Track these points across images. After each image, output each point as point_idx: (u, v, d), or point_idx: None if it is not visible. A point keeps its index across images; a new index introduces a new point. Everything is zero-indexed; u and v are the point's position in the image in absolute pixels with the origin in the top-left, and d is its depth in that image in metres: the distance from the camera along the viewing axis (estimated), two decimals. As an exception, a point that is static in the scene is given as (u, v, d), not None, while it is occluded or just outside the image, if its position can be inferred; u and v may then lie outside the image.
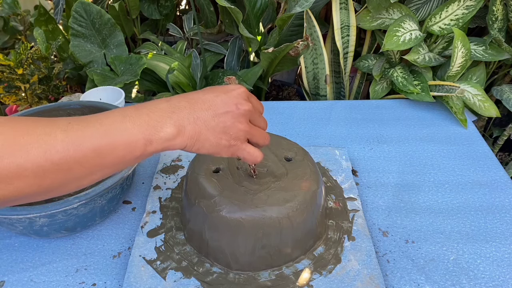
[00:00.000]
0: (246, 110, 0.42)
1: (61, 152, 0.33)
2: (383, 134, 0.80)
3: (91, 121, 0.36)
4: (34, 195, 0.35)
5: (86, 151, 0.34)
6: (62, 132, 0.34)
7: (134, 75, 0.94)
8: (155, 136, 0.37)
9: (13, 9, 1.20)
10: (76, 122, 0.35)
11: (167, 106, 0.39)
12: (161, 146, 0.38)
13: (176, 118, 0.39)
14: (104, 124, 0.36)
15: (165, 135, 0.38)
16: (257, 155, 0.44)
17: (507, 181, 0.68)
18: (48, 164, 0.33)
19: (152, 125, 0.37)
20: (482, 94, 0.85)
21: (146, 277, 0.50)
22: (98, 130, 0.35)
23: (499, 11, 0.86)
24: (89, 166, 0.35)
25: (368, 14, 0.98)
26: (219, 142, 0.41)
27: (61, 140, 0.33)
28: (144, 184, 0.67)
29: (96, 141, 0.35)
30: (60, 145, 0.33)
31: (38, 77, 0.99)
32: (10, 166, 0.32)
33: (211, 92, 0.42)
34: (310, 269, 0.52)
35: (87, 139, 0.34)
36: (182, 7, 1.53)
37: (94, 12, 0.99)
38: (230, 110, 0.41)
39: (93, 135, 0.35)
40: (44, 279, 0.52)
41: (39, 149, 0.33)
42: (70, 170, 0.34)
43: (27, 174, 0.32)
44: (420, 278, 0.52)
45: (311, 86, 1.08)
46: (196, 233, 0.53)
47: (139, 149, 0.37)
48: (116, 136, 0.36)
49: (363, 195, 0.65)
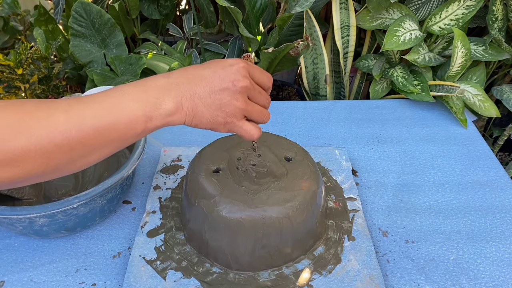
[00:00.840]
0: (243, 87, 0.42)
1: (64, 133, 0.34)
2: (383, 134, 0.80)
3: (91, 101, 0.36)
4: (42, 175, 0.35)
5: (88, 131, 0.35)
6: (63, 114, 0.35)
7: (134, 75, 0.94)
8: (154, 112, 0.38)
9: (13, 9, 1.20)
10: (76, 103, 0.36)
11: (166, 82, 0.40)
12: (161, 122, 0.39)
13: (174, 94, 0.39)
14: (104, 103, 0.36)
15: (165, 111, 0.38)
16: (253, 132, 0.44)
17: (507, 181, 0.68)
18: (52, 146, 0.34)
19: (151, 102, 0.38)
20: (482, 94, 0.85)
21: (146, 277, 0.50)
22: (98, 109, 0.36)
23: (499, 11, 0.86)
24: (92, 145, 0.36)
25: (368, 14, 0.98)
26: (215, 119, 0.42)
27: (62, 122, 0.34)
28: (144, 184, 0.67)
29: (97, 120, 0.35)
30: (62, 126, 0.34)
31: (38, 77, 0.99)
32: (15, 149, 0.32)
33: (210, 67, 0.42)
34: (310, 269, 0.52)
35: (88, 119, 0.35)
36: (182, 7, 1.53)
37: (94, 12, 0.99)
38: (226, 87, 0.41)
39: (94, 115, 0.35)
40: (44, 279, 0.52)
41: (42, 131, 0.33)
42: (74, 150, 0.35)
43: (32, 155, 0.33)
44: (420, 278, 0.52)
45: (311, 86, 1.08)
46: (196, 233, 0.53)
47: (140, 126, 0.38)
48: (116, 114, 0.36)
49: (363, 195, 0.65)
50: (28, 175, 0.34)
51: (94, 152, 0.37)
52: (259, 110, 0.45)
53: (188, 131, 0.79)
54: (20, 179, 0.34)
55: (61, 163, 0.35)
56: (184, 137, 0.77)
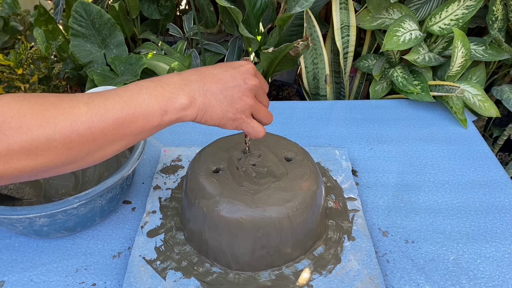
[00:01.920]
0: (253, 85, 0.44)
1: (86, 123, 0.36)
2: (383, 134, 0.80)
3: (111, 94, 0.38)
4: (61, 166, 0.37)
5: (109, 121, 0.37)
6: (85, 105, 0.36)
7: (134, 75, 0.93)
8: (170, 106, 0.40)
9: (13, 9, 1.20)
10: (97, 96, 0.38)
11: (180, 79, 0.42)
12: (176, 116, 0.41)
13: (188, 90, 0.41)
14: (123, 96, 0.38)
15: (179, 105, 0.40)
16: (260, 130, 0.46)
17: (507, 181, 0.68)
18: (75, 135, 0.35)
19: (167, 96, 0.40)
20: (482, 94, 0.85)
21: (146, 277, 0.50)
22: (119, 102, 0.38)
23: (499, 11, 0.86)
24: (112, 135, 0.38)
25: (368, 14, 0.98)
26: (225, 115, 0.43)
27: (85, 112, 0.36)
28: (144, 184, 0.67)
29: (117, 112, 0.37)
30: (85, 117, 0.36)
31: (38, 77, 0.99)
32: (40, 137, 0.34)
33: (221, 67, 0.44)
34: (310, 269, 0.52)
35: (109, 111, 0.37)
36: (182, 7, 1.53)
37: (94, 12, 0.99)
38: (238, 84, 0.43)
39: (114, 107, 0.37)
40: (44, 279, 0.52)
41: (66, 121, 0.35)
42: (94, 140, 0.37)
43: (56, 145, 0.35)
44: (420, 278, 0.52)
45: (311, 86, 1.08)
46: (196, 233, 0.53)
47: (157, 119, 0.40)
48: (135, 106, 0.38)
49: (363, 195, 0.65)
50: (49, 165, 0.35)
51: (112, 144, 0.38)
52: (265, 110, 0.47)
53: (188, 131, 0.79)
54: (43, 169, 0.35)
55: (80, 155, 0.37)
56: (184, 137, 0.77)
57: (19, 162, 0.34)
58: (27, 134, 0.33)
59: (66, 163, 0.37)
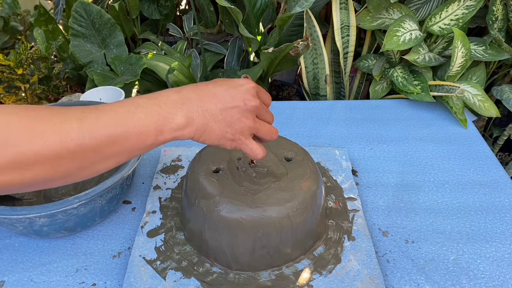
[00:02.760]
0: (254, 106, 0.43)
1: (76, 139, 0.34)
2: (383, 134, 0.80)
3: (105, 110, 0.37)
4: (51, 181, 0.36)
5: (100, 139, 0.36)
6: (77, 121, 0.35)
7: (134, 75, 0.94)
8: (166, 126, 0.39)
9: (13, 9, 1.20)
10: (90, 112, 0.36)
11: (178, 97, 0.40)
12: (171, 136, 0.40)
13: (187, 109, 0.40)
14: (117, 113, 0.37)
15: (176, 126, 0.39)
16: (258, 152, 0.45)
17: (507, 181, 0.68)
18: (64, 151, 0.34)
19: (163, 116, 0.39)
20: (482, 94, 0.85)
21: (146, 277, 0.50)
22: (112, 119, 0.37)
23: (499, 11, 0.86)
24: (103, 153, 0.37)
25: (368, 14, 0.98)
26: (224, 135, 0.43)
27: (76, 129, 0.35)
28: (144, 184, 0.67)
29: (110, 129, 0.36)
30: (76, 133, 0.34)
31: (38, 77, 0.99)
32: (28, 152, 0.33)
33: (221, 85, 0.43)
34: (310, 269, 0.52)
35: (101, 128, 0.36)
36: (182, 7, 1.53)
37: (94, 12, 0.99)
38: (237, 105, 0.42)
39: (107, 124, 0.36)
40: (44, 279, 0.52)
41: (56, 136, 0.34)
42: (85, 157, 0.36)
43: (43, 160, 0.33)
44: (420, 278, 0.52)
45: (311, 86, 1.08)
46: (196, 233, 0.53)
47: (151, 138, 0.38)
48: (128, 125, 0.37)
49: (363, 195, 0.65)
50: (37, 180, 0.34)
51: (104, 161, 0.37)
52: (267, 128, 0.46)
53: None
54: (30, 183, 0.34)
55: (71, 170, 0.36)
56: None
57: (5, 176, 0.32)
58: (14, 148, 0.32)
59: (55, 178, 0.36)
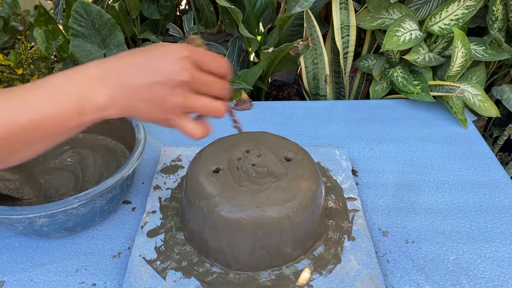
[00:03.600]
0: (182, 81, 0.37)
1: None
2: (383, 134, 0.80)
3: (19, 95, 0.35)
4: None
5: (11, 129, 0.34)
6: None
7: (134, 75, 0.93)
8: (87, 107, 0.36)
9: (13, 9, 1.20)
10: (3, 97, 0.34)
11: (99, 72, 0.37)
12: (96, 116, 0.37)
13: (108, 87, 0.36)
14: (34, 97, 0.35)
15: (97, 105, 0.36)
16: (195, 132, 0.39)
17: (507, 181, 0.68)
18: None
19: (83, 96, 0.35)
20: (482, 94, 0.85)
21: (146, 277, 0.50)
22: (25, 106, 0.34)
23: (499, 11, 0.86)
24: (21, 141, 0.35)
25: (368, 14, 0.98)
26: (152, 115, 0.38)
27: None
28: (144, 184, 0.67)
29: (22, 118, 0.34)
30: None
31: (38, 77, 0.98)
32: None
33: (147, 55, 0.38)
34: (310, 269, 0.52)
35: (14, 117, 0.34)
36: (182, 7, 1.53)
37: (94, 12, 0.99)
38: (163, 80, 0.36)
39: (19, 113, 0.34)
40: (44, 279, 0.52)
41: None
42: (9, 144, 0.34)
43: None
44: (420, 278, 0.52)
45: (311, 86, 1.08)
46: (196, 233, 0.53)
47: (73, 121, 0.36)
48: (48, 109, 0.35)
49: (363, 195, 0.65)
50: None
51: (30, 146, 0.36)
52: (203, 104, 0.39)
53: (188, 131, 0.79)
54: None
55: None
56: (184, 137, 0.77)
57: None
58: None
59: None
